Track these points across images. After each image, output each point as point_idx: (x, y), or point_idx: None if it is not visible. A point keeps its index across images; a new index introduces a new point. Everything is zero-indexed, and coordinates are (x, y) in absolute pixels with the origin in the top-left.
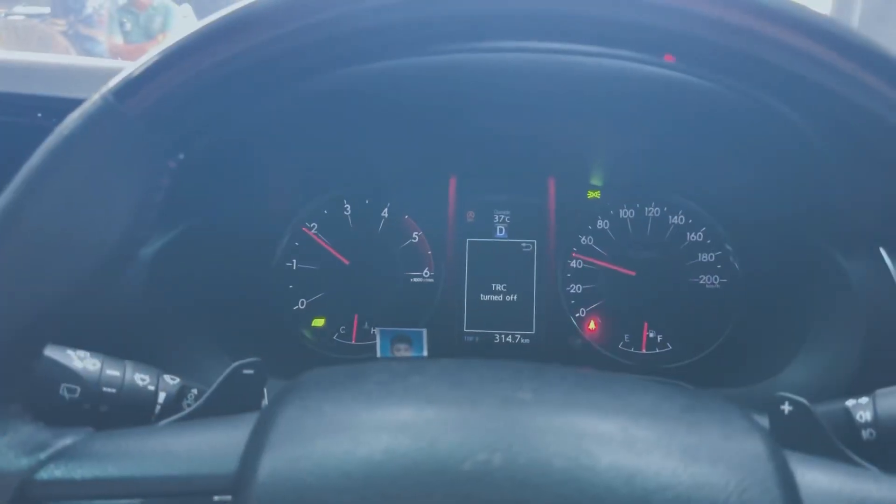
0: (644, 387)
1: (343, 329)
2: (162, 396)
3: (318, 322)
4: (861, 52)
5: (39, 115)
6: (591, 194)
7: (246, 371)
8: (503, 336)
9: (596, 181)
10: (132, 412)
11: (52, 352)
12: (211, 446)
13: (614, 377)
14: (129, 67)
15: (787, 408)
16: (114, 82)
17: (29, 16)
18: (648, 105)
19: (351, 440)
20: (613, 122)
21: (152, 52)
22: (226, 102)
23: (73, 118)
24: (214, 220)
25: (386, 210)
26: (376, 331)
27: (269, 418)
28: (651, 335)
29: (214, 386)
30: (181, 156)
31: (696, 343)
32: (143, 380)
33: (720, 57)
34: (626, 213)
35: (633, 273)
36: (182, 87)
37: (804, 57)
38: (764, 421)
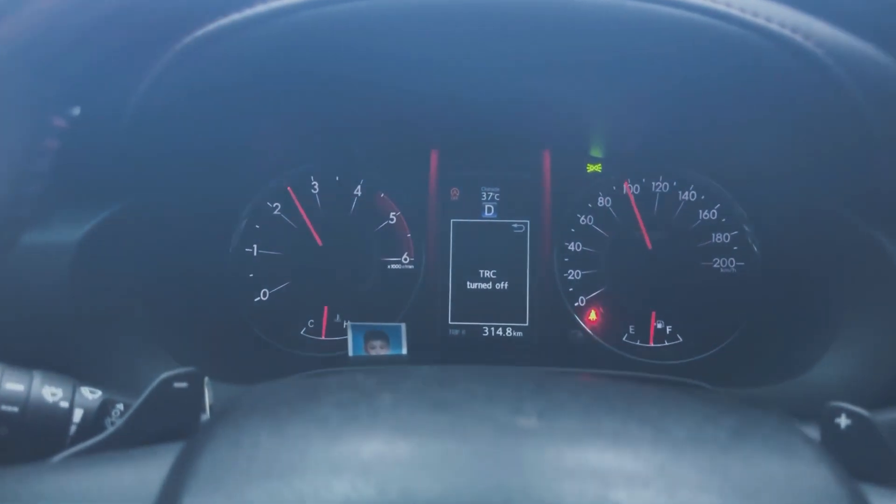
0: (678, 403)
1: (312, 323)
2: (78, 414)
3: (284, 315)
4: None
5: None
6: (591, 168)
7: (177, 384)
8: (493, 329)
9: (596, 153)
10: (40, 435)
11: None
12: (117, 492)
13: (637, 388)
14: None
15: (843, 421)
16: None
17: None
18: (658, 58)
19: (295, 488)
20: (616, 80)
21: None
22: (128, 46)
23: None
24: (157, 199)
25: (359, 188)
26: (348, 326)
27: (192, 455)
28: (659, 326)
29: (137, 404)
30: (75, 111)
31: (709, 335)
32: (53, 394)
33: None
34: (630, 189)
35: (638, 257)
36: (65, 14)
37: None
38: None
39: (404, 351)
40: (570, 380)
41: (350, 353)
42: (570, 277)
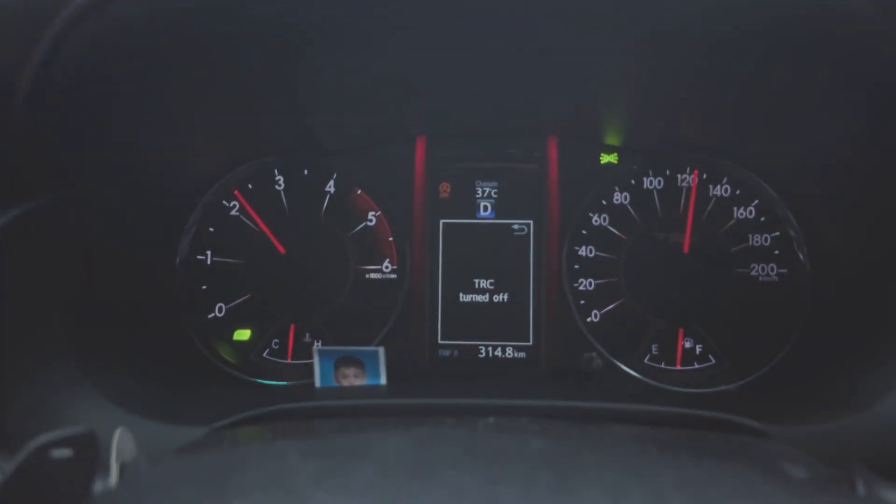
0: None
1: (276, 344)
2: None
3: (242, 334)
4: None
5: None
6: (606, 158)
7: (58, 453)
8: (490, 349)
9: (611, 140)
10: None
11: None
12: None
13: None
14: None
15: None
16: None
17: None
18: (695, 13)
19: None
20: (637, 44)
21: None
22: None
23: None
24: (82, 195)
25: (332, 183)
26: (314, 351)
27: None
28: (687, 345)
29: (5, 479)
30: None
31: (748, 357)
32: None
33: None
34: (651, 183)
35: (661, 263)
36: None
37: None
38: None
39: (383, 380)
40: (601, 463)
41: (317, 384)
42: (581, 288)
